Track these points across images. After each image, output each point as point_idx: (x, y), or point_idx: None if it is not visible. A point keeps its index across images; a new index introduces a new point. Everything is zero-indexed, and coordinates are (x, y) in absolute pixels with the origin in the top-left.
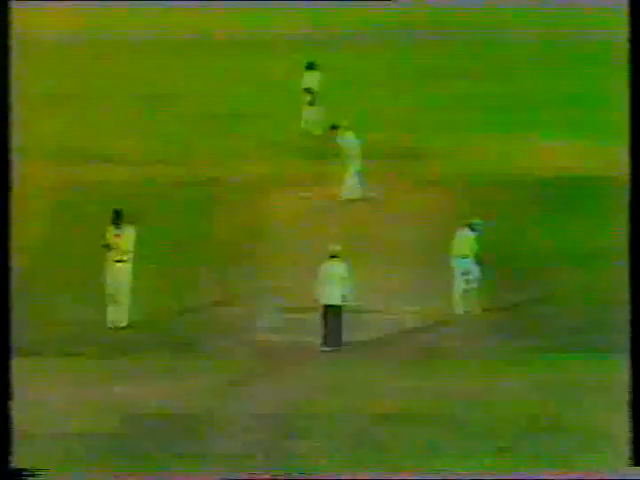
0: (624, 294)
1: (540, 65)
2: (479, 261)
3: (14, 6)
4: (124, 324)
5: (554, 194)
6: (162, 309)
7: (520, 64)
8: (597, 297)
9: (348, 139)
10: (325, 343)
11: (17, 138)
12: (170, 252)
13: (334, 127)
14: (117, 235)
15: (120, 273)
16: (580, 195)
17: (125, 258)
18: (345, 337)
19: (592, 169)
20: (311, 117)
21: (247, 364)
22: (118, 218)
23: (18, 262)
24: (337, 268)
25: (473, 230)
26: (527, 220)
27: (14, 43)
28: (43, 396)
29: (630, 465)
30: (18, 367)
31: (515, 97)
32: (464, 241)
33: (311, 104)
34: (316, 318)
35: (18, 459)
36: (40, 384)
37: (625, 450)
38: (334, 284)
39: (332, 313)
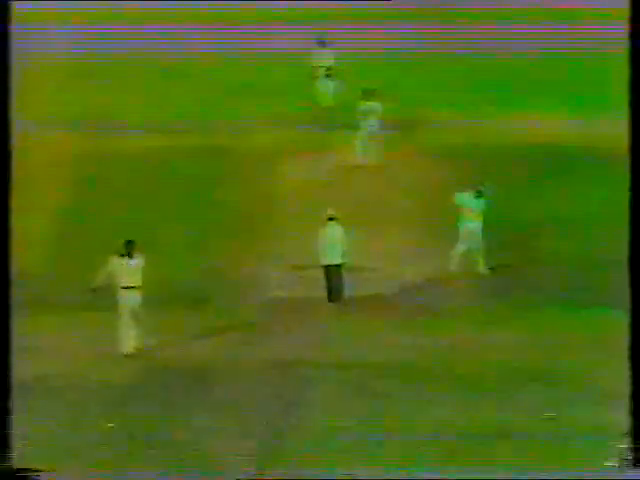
0: (618, 256)
1: (541, 40)
2: (482, 224)
3: None
4: (141, 348)
5: (553, 163)
6: (177, 270)
7: (521, 40)
8: (592, 259)
9: (374, 104)
10: (329, 299)
11: (36, 109)
12: (184, 218)
13: (368, 91)
14: (128, 265)
15: (132, 300)
16: (577, 165)
17: (134, 284)
18: (348, 293)
19: (589, 140)
20: (326, 90)
21: (258, 317)
22: (131, 249)
23: (36, 228)
24: (335, 230)
25: (480, 195)
26: (526, 187)
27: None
28: (57, 347)
29: (630, 466)
30: (35, 320)
31: (515, 71)
32: (470, 205)
33: (328, 77)
34: (321, 275)
35: (27, 410)
36: (54, 336)
37: (618, 403)
38: (334, 245)
39: (334, 272)
